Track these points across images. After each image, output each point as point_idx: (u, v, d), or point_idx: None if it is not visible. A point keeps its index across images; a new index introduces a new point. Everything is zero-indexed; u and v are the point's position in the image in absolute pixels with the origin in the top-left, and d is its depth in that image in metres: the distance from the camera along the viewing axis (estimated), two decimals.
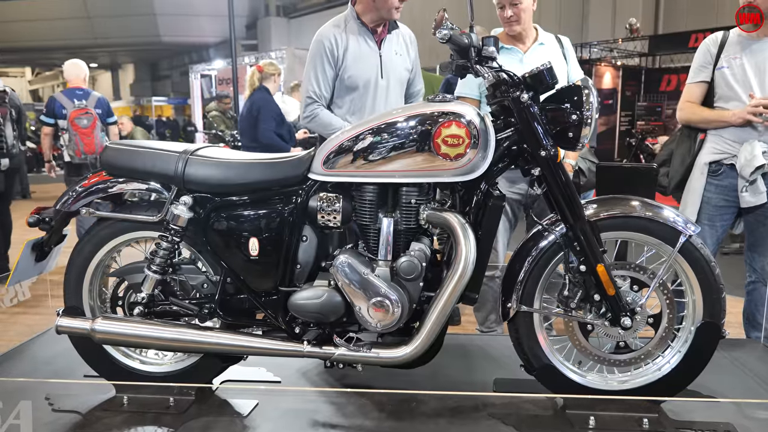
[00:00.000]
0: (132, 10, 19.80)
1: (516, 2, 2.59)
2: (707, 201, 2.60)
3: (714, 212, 2.60)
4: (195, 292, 1.98)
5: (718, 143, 2.58)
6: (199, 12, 19.45)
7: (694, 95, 2.66)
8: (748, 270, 2.67)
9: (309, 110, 2.60)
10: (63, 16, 20.22)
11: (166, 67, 28.55)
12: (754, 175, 2.45)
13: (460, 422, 1.81)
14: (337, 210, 1.80)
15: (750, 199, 2.49)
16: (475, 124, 1.71)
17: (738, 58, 2.52)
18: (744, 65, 2.51)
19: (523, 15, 2.63)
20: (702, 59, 2.64)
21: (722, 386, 2.04)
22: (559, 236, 1.84)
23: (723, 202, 2.58)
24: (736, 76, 2.53)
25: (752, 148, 2.45)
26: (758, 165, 2.42)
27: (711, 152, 2.60)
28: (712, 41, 2.63)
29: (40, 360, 2.30)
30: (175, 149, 1.92)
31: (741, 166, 2.47)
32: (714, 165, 2.59)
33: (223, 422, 1.83)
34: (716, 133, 2.59)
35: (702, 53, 2.65)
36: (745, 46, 2.53)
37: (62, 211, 1.95)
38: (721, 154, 2.56)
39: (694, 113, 2.65)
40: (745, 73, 2.51)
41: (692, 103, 2.66)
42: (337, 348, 1.82)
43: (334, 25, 2.59)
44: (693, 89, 2.67)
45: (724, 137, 2.56)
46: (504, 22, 2.65)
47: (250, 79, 4.73)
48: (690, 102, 2.67)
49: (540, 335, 1.89)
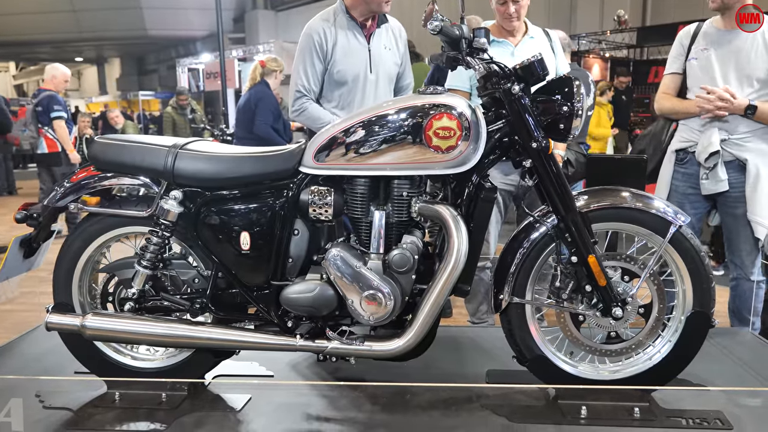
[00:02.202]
0: (118, 3, 19.57)
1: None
2: (675, 189, 2.66)
3: (682, 200, 2.63)
4: (186, 287, 1.97)
5: (685, 132, 2.62)
6: (186, 5, 19.26)
7: (668, 86, 2.72)
8: (731, 265, 2.68)
9: (298, 104, 2.59)
10: (48, 10, 19.95)
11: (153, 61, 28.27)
12: (710, 161, 2.49)
13: (454, 414, 1.81)
14: (329, 203, 1.80)
15: (710, 187, 2.52)
16: (466, 116, 1.71)
17: (706, 50, 2.55)
18: (711, 57, 2.54)
19: (522, 11, 2.65)
20: (675, 51, 2.69)
21: (712, 375, 2.06)
22: (550, 228, 1.84)
23: (690, 190, 2.62)
24: (704, 67, 2.55)
25: (710, 134, 2.50)
26: (713, 151, 2.46)
27: (678, 141, 2.65)
28: (685, 33, 2.66)
29: (30, 357, 2.28)
30: (165, 143, 1.90)
31: (698, 153, 2.52)
32: (681, 153, 2.64)
33: (216, 417, 1.82)
34: (685, 123, 2.64)
35: (676, 45, 2.69)
36: (714, 38, 2.55)
37: (50, 206, 1.93)
38: (687, 142, 2.61)
39: (666, 104, 2.71)
40: (711, 65, 2.53)
41: (666, 94, 2.72)
42: (329, 341, 1.82)
43: (323, 19, 2.58)
44: (667, 80, 2.72)
45: (690, 126, 2.60)
46: (504, 17, 2.64)
47: (252, 73, 4.81)
48: (664, 93, 2.72)
49: (532, 326, 1.90)
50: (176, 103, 8.23)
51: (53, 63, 6.03)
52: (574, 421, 1.75)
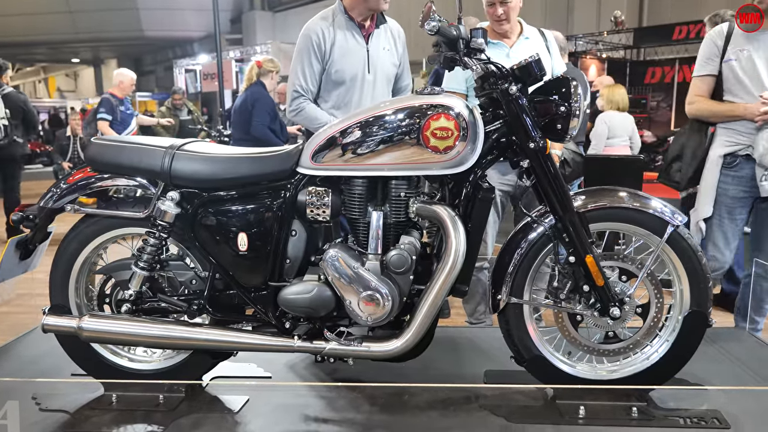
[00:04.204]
0: (114, 4, 19.51)
1: (506, 1, 2.57)
2: (724, 193, 2.56)
3: (733, 204, 2.55)
4: (183, 289, 1.96)
5: (731, 135, 2.53)
6: (183, 6, 19.23)
7: (702, 89, 2.61)
8: (748, 264, 2.61)
9: (295, 104, 2.59)
10: (44, 11, 19.88)
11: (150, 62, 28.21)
12: None
13: (452, 414, 1.81)
14: (327, 204, 1.80)
15: None
16: (464, 117, 1.71)
17: (746, 51, 2.48)
18: (752, 57, 2.47)
19: (512, 13, 2.63)
20: (708, 52, 2.58)
21: (709, 374, 2.06)
22: (548, 228, 1.84)
23: (741, 194, 2.54)
24: (745, 69, 2.48)
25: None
26: None
27: (724, 145, 2.55)
28: (717, 33, 2.57)
29: (27, 359, 2.27)
30: (162, 144, 1.89)
31: (760, 155, 2.43)
32: (729, 157, 2.54)
33: (213, 419, 1.82)
34: (726, 126, 2.54)
35: (708, 46, 2.59)
36: (751, 38, 2.48)
37: (46, 208, 1.92)
38: (735, 146, 2.52)
39: (704, 107, 2.60)
40: (754, 66, 2.46)
41: (702, 97, 2.61)
42: (327, 342, 1.81)
43: (321, 19, 2.58)
44: (700, 83, 2.61)
45: (735, 129, 2.52)
46: (493, 19, 2.64)
47: (248, 74, 4.81)
48: (699, 96, 2.61)
49: (530, 326, 1.90)
50: (171, 103, 8.22)
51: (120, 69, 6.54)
52: (572, 421, 1.75)
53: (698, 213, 2.60)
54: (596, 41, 11.12)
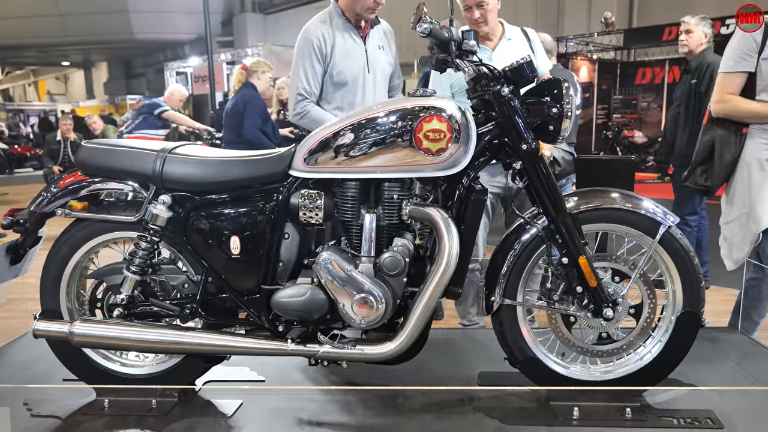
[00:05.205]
0: (104, 7, 19.44)
1: (482, 3, 2.57)
2: None
3: None
4: (176, 293, 1.95)
5: None
6: (173, 8, 19.19)
7: (736, 86, 2.41)
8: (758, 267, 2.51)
9: (300, 107, 2.57)
10: (34, 14, 19.78)
11: (141, 64, 28.12)
12: None
13: (446, 417, 1.81)
14: (319, 207, 1.79)
15: None
16: (456, 119, 1.71)
17: None
18: None
19: (490, 15, 2.60)
20: (745, 47, 2.38)
21: (702, 374, 2.07)
22: (541, 229, 1.85)
23: None
24: None
25: None
26: None
27: (763, 147, 2.38)
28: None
29: (17, 365, 2.25)
30: (153, 147, 1.88)
31: None
32: None
33: (207, 423, 1.81)
34: (765, 127, 2.38)
35: (745, 41, 2.39)
36: None
37: (37, 212, 1.91)
38: None
39: (742, 106, 2.40)
40: None
41: (735, 96, 2.42)
42: (321, 345, 1.80)
43: (320, 21, 2.58)
44: (733, 80, 2.41)
45: None
46: (471, 23, 2.62)
47: (237, 77, 4.77)
48: (732, 94, 2.42)
49: (523, 328, 1.90)
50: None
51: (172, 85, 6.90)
52: (566, 422, 1.76)
53: (758, 224, 2.37)
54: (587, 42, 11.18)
